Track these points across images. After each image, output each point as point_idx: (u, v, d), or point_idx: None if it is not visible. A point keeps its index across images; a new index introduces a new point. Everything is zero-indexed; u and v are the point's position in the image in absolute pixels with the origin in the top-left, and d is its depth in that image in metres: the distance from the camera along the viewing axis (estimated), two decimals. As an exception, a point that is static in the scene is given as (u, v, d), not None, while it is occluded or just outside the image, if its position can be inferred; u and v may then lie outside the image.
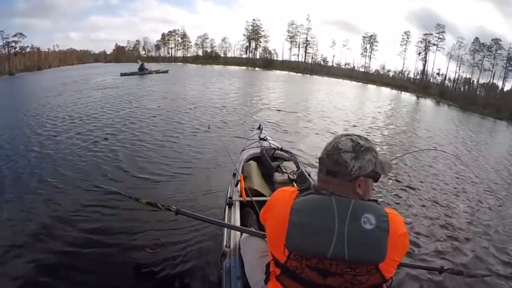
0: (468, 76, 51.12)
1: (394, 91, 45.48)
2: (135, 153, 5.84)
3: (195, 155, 5.84)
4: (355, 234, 1.02)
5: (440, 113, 27.53)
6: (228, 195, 2.65)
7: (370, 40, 58.52)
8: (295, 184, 2.88)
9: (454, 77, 52.43)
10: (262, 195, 2.72)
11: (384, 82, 52.92)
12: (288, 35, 62.18)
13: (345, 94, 26.29)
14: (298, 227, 1.06)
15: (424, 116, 21.23)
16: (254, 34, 62.03)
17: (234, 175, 2.99)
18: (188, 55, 65.85)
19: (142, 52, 66.72)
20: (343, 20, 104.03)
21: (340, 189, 1.10)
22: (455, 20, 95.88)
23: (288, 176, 3.01)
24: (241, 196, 2.58)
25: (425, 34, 53.33)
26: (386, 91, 44.07)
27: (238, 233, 2.01)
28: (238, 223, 2.21)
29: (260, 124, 4.76)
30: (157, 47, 67.74)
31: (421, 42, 53.88)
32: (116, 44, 67.79)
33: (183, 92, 16.27)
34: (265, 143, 3.94)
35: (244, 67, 55.71)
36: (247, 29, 62.46)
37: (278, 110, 12.23)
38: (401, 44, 56.28)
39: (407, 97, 39.58)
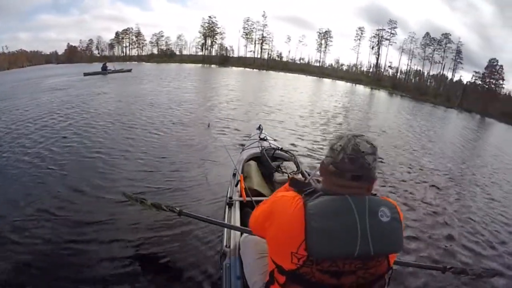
0: (419, 68, 53.14)
1: (349, 84, 45.72)
2: (132, 154, 5.36)
3: (195, 155, 5.53)
4: (376, 228, 0.99)
5: (394, 104, 27.78)
6: (228, 195, 2.62)
7: (325, 36, 58.83)
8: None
9: (406, 70, 54.21)
10: (262, 195, 2.65)
11: (339, 76, 53.43)
12: (244, 32, 61.06)
13: (302, 89, 25.75)
14: (321, 232, 0.98)
15: (380, 107, 21.64)
16: (210, 31, 60.08)
17: (234, 175, 2.94)
18: (143, 53, 63.12)
19: (96, 52, 62.46)
20: (296, 16, 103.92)
21: (357, 191, 1.03)
22: (404, 14, 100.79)
23: (288, 176, 2.90)
24: (241, 196, 2.52)
25: (378, 30, 54.72)
26: (341, 84, 44.03)
27: (238, 233, 1.98)
28: (238, 223, 2.16)
29: (260, 124, 4.66)
30: (111, 46, 63.32)
31: (374, 37, 55.15)
32: (68, 44, 62.41)
33: (160, 91, 15.11)
34: (265, 143, 3.84)
35: (200, 65, 53.02)
36: (203, 26, 60.18)
37: (239, 108, 11.41)
38: (355, 39, 57.46)
39: (362, 90, 39.93)
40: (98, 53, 61.63)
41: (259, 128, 4.50)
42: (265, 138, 4.10)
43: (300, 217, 0.99)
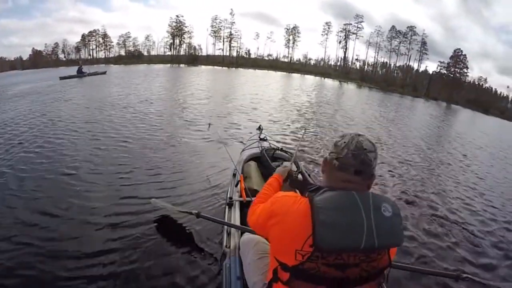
0: (385, 60, 53.34)
1: (317, 78, 45.09)
2: (131, 154, 5.05)
3: (195, 155, 5.24)
4: (381, 223, 1.01)
5: (363, 96, 27.50)
6: (228, 195, 2.64)
7: (293, 32, 57.67)
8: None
9: (373, 62, 54.27)
10: None
11: (308, 71, 52.70)
12: (212, 30, 59.16)
13: (273, 85, 24.62)
14: (329, 225, 0.98)
15: (350, 99, 21.97)
16: (178, 31, 57.75)
17: (234, 175, 2.92)
18: (111, 55, 59.75)
19: (61, 56, 58.70)
20: (263, 13, 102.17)
21: (358, 187, 1.06)
22: (369, 8, 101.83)
23: None
24: (241, 196, 2.50)
25: (345, 24, 54.37)
26: (310, 78, 43.35)
27: (238, 233, 1.99)
28: (238, 223, 2.13)
29: (260, 125, 4.51)
30: (77, 49, 59.55)
31: (341, 31, 54.63)
32: (33, 48, 58.63)
33: (134, 93, 13.61)
34: (265, 144, 3.76)
35: (169, 65, 49.84)
36: (170, 26, 57.23)
37: (216, 109, 10.51)
38: (322, 34, 56.71)
39: (331, 83, 39.44)
40: (64, 57, 58.13)
41: (259, 128, 4.35)
42: (265, 138, 4.00)
43: (306, 213, 0.99)
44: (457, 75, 44.93)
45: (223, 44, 58.50)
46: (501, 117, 38.87)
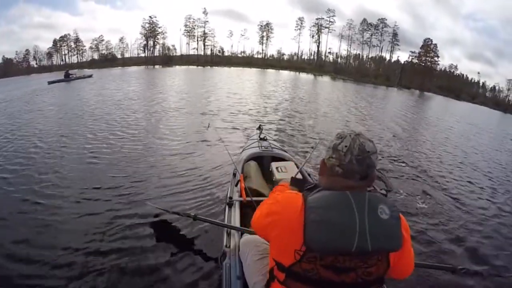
0: (358, 52, 52.96)
1: (292, 73, 44.12)
2: (130, 154, 5.05)
3: (195, 155, 5.11)
4: (375, 225, 0.93)
5: (338, 87, 27.14)
6: (228, 195, 2.51)
7: (266, 28, 56.04)
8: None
9: (346, 55, 53.70)
10: (262, 195, 2.51)
11: (282, 66, 51.43)
12: (185, 30, 56.80)
13: (250, 83, 23.56)
14: (318, 225, 0.92)
15: (325, 92, 21.61)
16: (151, 32, 55.04)
17: (234, 175, 2.82)
18: (84, 60, 56.09)
19: (33, 63, 54.80)
20: (234, 10, 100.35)
21: (361, 189, 0.98)
22: (337, 1, 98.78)
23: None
24: (241, 196, 2.40)
25: (317, 19, 53.47)
26: (285, 73, 42.33)
27: (238, 233, 1.93)
28: (238, 223, 2.08)
29: (260, 124, 4.40)
30: (49, 55, 55.87)
31: (314, 26, 53.69)
32: (4, 56, 54.21)
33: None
34: (265, 143, 3.66)
35: (143, 67, 48.70)
36: (143, 27, 54.31)
37: (199, 110, 9.90)
38: (295, 29, 55.74)
39: (306, 77, 38.85)
40: (36, 64, 54.39)
41: (259, 128, 4.18)
42: (265, 138, 3.86)
43: (301, 213, 0.94)
44: (428, 63, 44.82)
45: (197, 43, 56.27)
46: (472, 102, 39.06)
